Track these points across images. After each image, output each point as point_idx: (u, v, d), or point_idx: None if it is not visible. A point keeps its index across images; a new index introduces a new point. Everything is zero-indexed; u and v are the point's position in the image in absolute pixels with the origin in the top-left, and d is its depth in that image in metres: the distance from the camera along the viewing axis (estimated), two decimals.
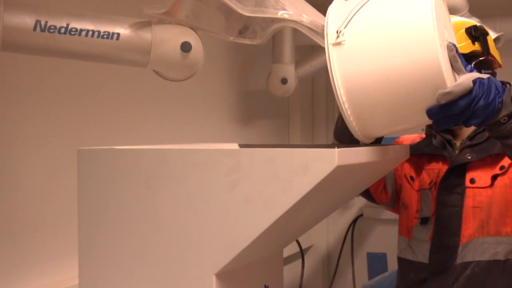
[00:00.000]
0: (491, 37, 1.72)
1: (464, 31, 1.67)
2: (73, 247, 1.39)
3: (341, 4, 1.27)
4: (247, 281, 1.32)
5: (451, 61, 1.19)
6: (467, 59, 1.59)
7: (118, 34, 1.46)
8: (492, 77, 1.23)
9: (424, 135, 1.86)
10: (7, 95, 1.81)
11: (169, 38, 1.51)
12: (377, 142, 1.43)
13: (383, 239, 3.44)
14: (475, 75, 1.19)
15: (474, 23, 1.70)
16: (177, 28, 1.52)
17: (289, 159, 1.09)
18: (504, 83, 1.28)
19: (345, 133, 1.25)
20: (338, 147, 1.06)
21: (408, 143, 1.83)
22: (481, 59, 1.65)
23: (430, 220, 1.72)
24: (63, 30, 1.39)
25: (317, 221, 1.54)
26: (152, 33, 1.49)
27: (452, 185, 1.69)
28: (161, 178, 1.22)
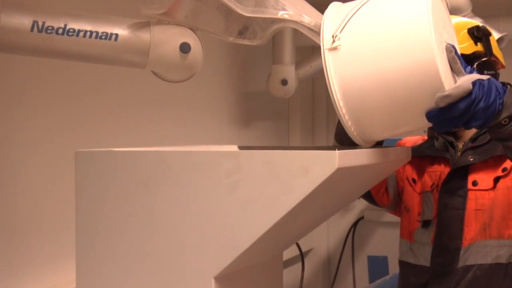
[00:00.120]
0: (494, 38, 1.71)
1: (466, 31, 1.66)
2: (71, 251, 1.37)
3: (337, 8, 1.26)
4: (246, 284, 1.31)
5: (450, 62, 1.18)
6: (469, 60, 1.60)
7: (116, 35, 1.46)
8: (492, 78, 1.22)
9: (426, 137, 1.85)
10: (4, 96, 1.80)
11: (168, 39, 1.51)
12: (378, 145, 1.42)
13: (384, 242, 3.43)
14: (475, 76, 1.18)
15: (476, 24, 1.69)
16: (176, 28, 1.52)
17: (289, 161, 1.09)
18: (504, 84, 1.26)
19: (346, 135, 1.25)
20: (338, 149, 1.05)
21: (410, 145, 1.82)
22: (483, 60, 1.64)
23: (432, 223, 1.71)
24: (60, 30, 1.39)
25: (317, 224, 1.54)
26: (150, 34, 1.49)
27: (454, 187, 1.68)
28: (160, 180, 1.21)
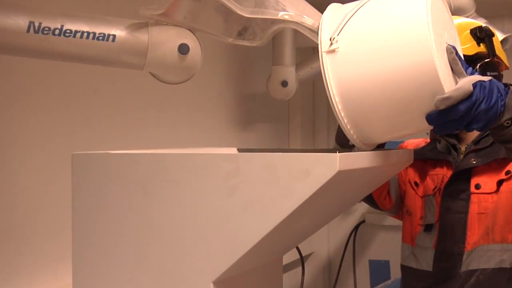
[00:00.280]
0: (497, 38, 1.71)
1: (468, 32, 1.65)
2: (69, 254, 1.36)
3: (335, 10, 1.25)
4: None
5: (451, 64, 1.17)
6: (472, 61, 1.59)
7: (114, 35, 1.46)
8: (494, 79, 1.20)
9: (429, 140, 1.84)
10: (0, 98, 1.79)
11: (166, 39, 1.51)
12: (380, 148, 1.40)
13: (386, 246, 3.42)
14: (476, 78, 1.16)
15: (479, 24, 1.68)
16: (175, 29, 1.52)
17: (289, 163, 1.08)
18: (507, 85, 1.25)
19: (346, 138, 1.23)
20: (339, 152, 1.04)
21: (412, 148, 1.81)
22: (486, 61, 1.63)
23: (434, 227, 1.70)
24: (57, 31, 1.39)
25: (318, 228, 1.53)
26: (148, 35, 1.50)
27: (456, 191, 1.67)
28: (158, 183, 1.20)
